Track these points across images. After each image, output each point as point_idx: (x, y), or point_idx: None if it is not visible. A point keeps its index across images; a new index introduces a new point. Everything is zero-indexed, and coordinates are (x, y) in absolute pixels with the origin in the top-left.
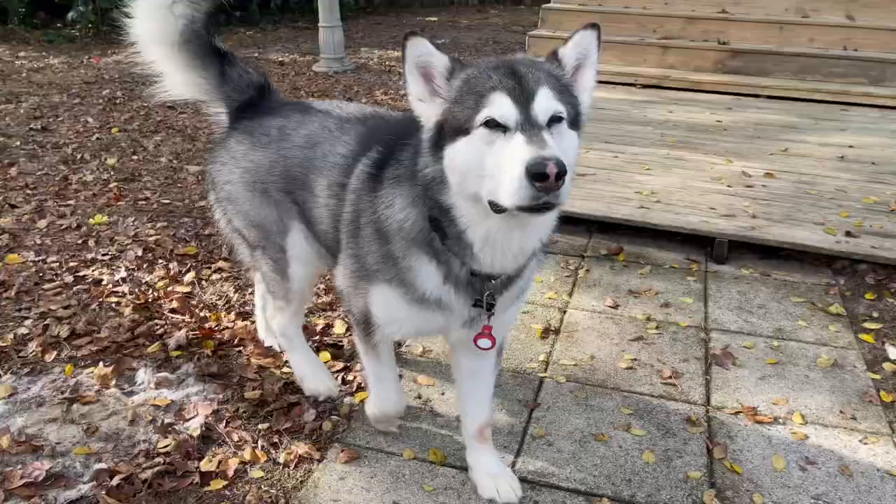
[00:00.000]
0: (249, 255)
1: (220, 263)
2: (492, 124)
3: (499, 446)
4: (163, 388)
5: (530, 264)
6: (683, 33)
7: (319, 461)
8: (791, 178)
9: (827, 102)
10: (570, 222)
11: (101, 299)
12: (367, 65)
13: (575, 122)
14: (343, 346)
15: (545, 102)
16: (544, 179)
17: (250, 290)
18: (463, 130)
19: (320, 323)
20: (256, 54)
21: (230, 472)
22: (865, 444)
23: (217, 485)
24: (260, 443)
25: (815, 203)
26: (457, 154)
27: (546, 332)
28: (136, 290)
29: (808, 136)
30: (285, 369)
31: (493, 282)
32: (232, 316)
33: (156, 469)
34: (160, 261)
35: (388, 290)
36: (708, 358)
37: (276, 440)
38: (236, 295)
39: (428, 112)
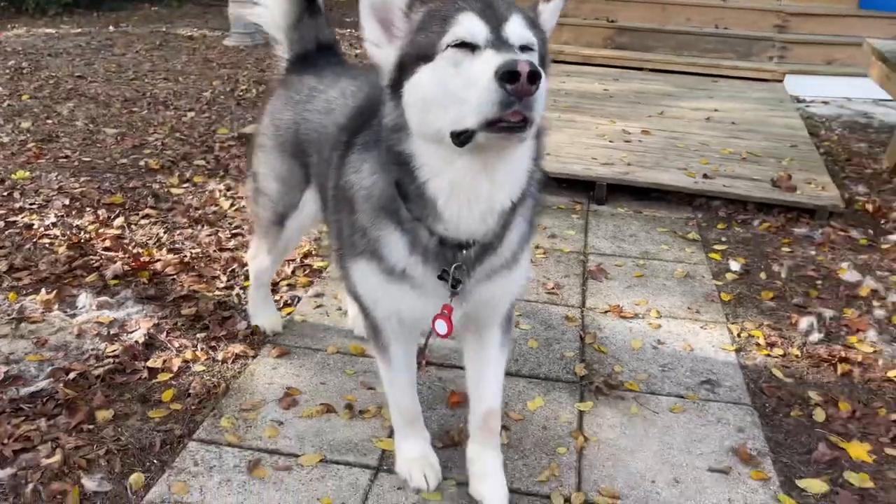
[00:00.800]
0: (254, 195)
1: (147, 211)
2: (459, 45)
3: None
4: (104, 309)
5: (509, 235)
6: (576, 12)
7: (254, 357)
8: (663, 135)
9: (700, 75)
10: None
11: (34, 240)
12: None
13: (543, 64)
14: None
15: (518, 29)
16: (515, 79)
17: (178, 231)
18: (425, 57)
19: (246, 256)
20: (164, 29)
21: (175, 368)
22: (705, 329)
23: (164, 377)
24: (199, 346)
25: (681, 154)
26: (419, 84)
27: None
28: (68, 232)
29: (682, 102)
30: (217, 292)
31: (464, 252)
32: (164, 252)
33: (106, 368)
34: (88, 209)
35: (361, 264)
36: (585, 274)
37: (214, 344)
38: (166, 235)
39: (385, 55)
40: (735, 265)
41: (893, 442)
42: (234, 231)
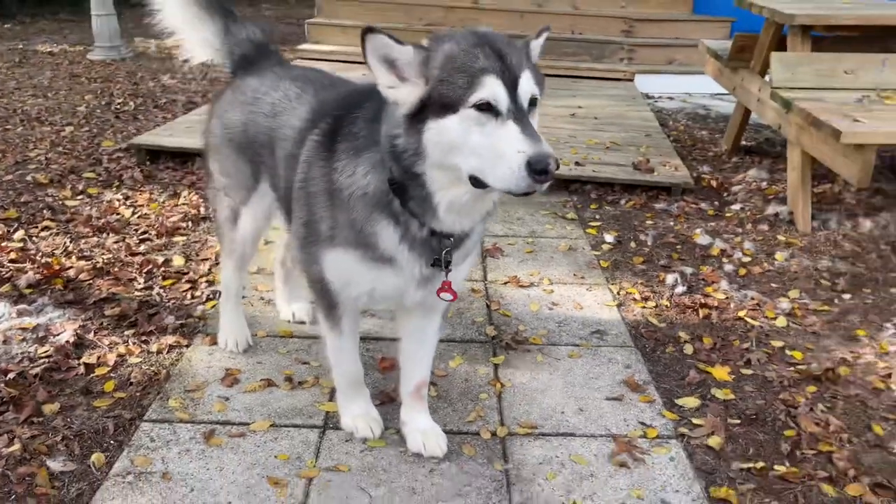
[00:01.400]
0: (213, 195)
1: (46, 223)
2: (483, 107)
3: None
4: (24, 316)
5: (479, 226)
6: (444, 21)
7: (188, 346)
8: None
9: (562, 76)
10: None
11: None
12: (146, 53)
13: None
14: (188, 273)
15: (527, 85)
16: (546, 174)
17: (83, 240)
18: (450, 108)
19: (160, 258)
20: (21, 46)
21: (111, 363)
22: (590, 291)
23: (102, 371)
24: (131, 341)
25: (553, 146)
26: (444, 130)
27: None
28: None
29: (548, 101)
30: (136, 293)
31: (450, 240)
32: (74, 259)
33: (42, 367)
34: None
35: (342, 253)
36: (483, 253)
37: (146, 339)
38: (72, 244)
39: (403, 94)
40: (609, 237)
41: (746, 364)
42: (141, 237)
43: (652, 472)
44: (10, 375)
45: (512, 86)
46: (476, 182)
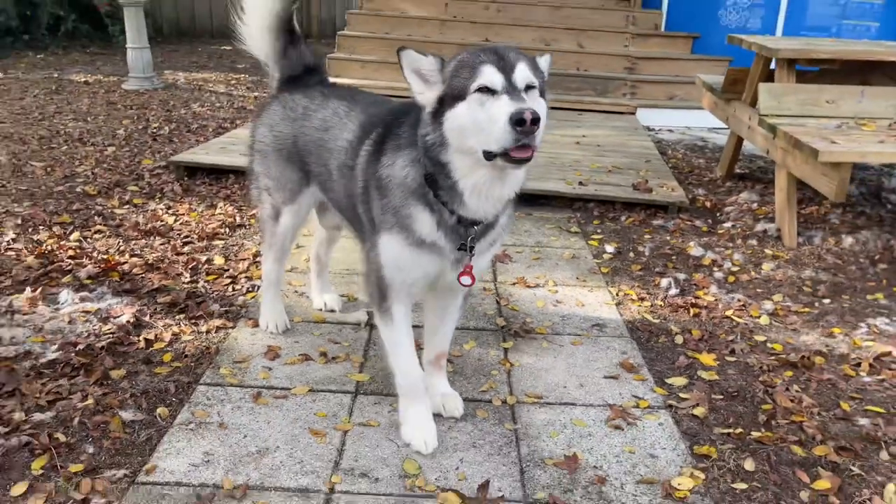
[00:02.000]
0: (257, 194)
1: (98, 227)
2: (483, 90)
3: (354, 307)
4: (86, 302)
5: (502, 218)
6: None
7: (233, 328)
8: (544, 156)
9: (567, 109)
10: None
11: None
12: (176, 84)
13: (542, 94)
14: (228, 270)
15: (522, 73)
16: (523, 124)
17: (133, 242)
18: (460, 97)
19: (203, 258)
20: (56, 75)
21: (167, 339)
22: (592, 292)
23: (159, 345)
24: (183, 323)
25: (560, 168)
26: (456, 116)
27: None
28: (30, 245)
29: (555, 130)
30: (184, 285)
31: (475, 228)
32: (127, 256)
33: (107, 341)
34: (41, 227)
35: (391, 237)
36: (494, 259)
37: (196, 321)
38: (124, 244)
39: (429, 95)
40: (610, 248)
41: (731, 353)
42: (184, 240)
43: (643, 433)
44: (79, 347)
45: (508, 74)
46: (487, 155)
